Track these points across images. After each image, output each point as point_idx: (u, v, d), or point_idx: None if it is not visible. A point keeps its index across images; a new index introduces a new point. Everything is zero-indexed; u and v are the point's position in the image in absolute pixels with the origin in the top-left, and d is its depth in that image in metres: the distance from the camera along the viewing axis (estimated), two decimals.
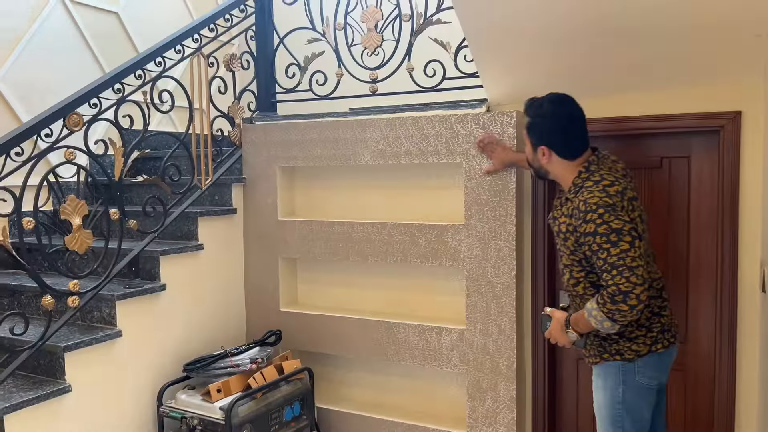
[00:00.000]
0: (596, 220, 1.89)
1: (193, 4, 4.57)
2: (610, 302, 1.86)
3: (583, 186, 1.99)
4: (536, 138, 2.10)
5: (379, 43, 3.19)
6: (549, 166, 2.10)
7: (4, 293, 2.95)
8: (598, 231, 1.88)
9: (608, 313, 1.87)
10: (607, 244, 1.87)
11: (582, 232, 1.93)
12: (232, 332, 3.34)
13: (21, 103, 3.39)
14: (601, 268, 1.90)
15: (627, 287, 1.83)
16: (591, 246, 1.91)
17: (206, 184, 3.18)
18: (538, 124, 2.09)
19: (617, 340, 2.03)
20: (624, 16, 2.16)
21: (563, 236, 2.06)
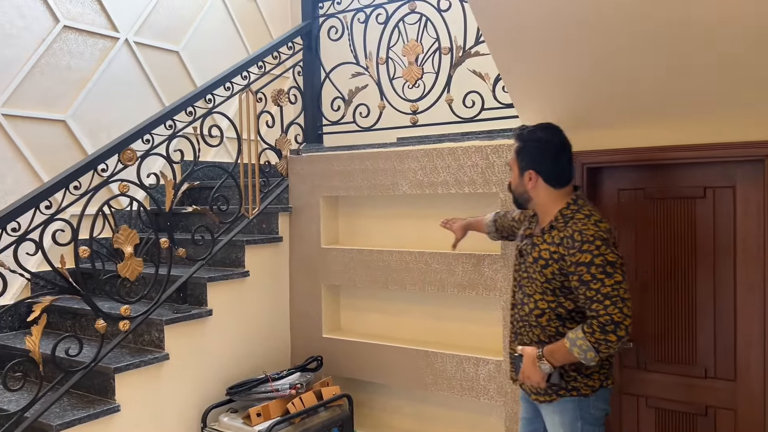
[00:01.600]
0: (593, 251, 1.91)
1: (248, 40, 4.80)
2: (600, 332, 1.88)
3: (573, 217, 2.01)
4: (526, 162, 2.10)
5: (419, 76, 3.27)
6: (533, 191, 2.10)
7: (67, 316, 3.17)
8: (594, 261, 1.90)
9: (595, 343, 1.89)
10: (602, 275, 1.90)
11: (575, 261, 1.93)
12: (277, 357, 3.43)
13: (88, 138, 3.66)
14: (592, 298, 1.91)
15: (619, 318, 1.87)
16: (582, 276, 1.92)
17: (253, 213, 3.31)
18: (531, 148, 2.10)
19: (575, 377, 2.05)
20: (664, 48, 2.14)
21: (543, 263, 2.03)
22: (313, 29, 3.68)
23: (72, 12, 3.60)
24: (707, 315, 2.55)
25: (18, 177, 3.32)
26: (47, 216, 2.36)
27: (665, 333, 2.64)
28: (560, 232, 2.01)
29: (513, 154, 2.15)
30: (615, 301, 1.88)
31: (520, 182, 2.12)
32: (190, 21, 4.34)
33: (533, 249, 2.09)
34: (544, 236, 2.07)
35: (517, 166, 2.13)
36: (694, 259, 2.58)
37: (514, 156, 2.14)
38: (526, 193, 2.12)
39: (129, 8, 3.92)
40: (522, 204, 2.18)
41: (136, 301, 2.70)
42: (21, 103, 3.35)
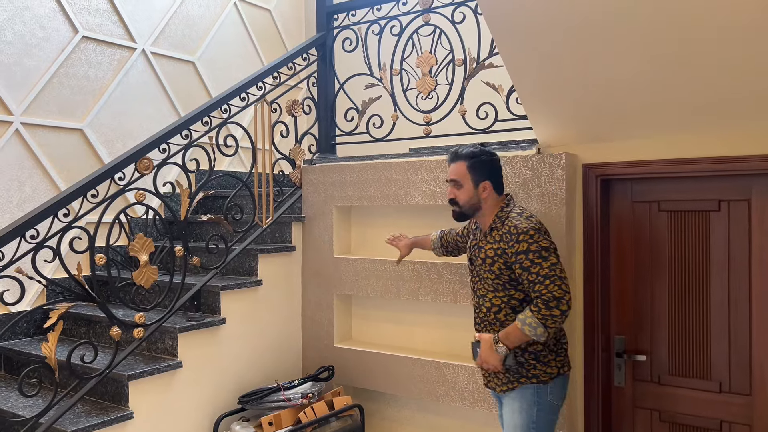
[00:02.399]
0: (528, 240, 2.17)
1: (263, 50, 4.85)
2: (545, 308, 2.10)
3: (507, 217, 2.28)
4: (479, 175, 2.32)
5: (433, 87, 3.28)
6: (486, 201, 2.33)
7: (82, 322, 3.19)
8: (530, 249, 2.16)
9: (542, 319, 2.11)
10: (539, 259, 2.15)
11: (514, 251, 2.19)
12: (289, 366, 3.44)
13: (104, 146, 3.71)
14: (533, 281, 2.15)
15: (559, 294, 2.10)
16: (522, 263, 2.17)
17: (267, 222, 3.33)
18: (486, 162, 2.34)
19: (534, 365, 2.26)
20: (679, 61, 2.15)
21: (490, 261, 2.29)
22: (327, 41, 3.71)
23: (91, 23, 3.65)
24: (722, 329, 2.54)
25: (36, 185, 3.37)
26: (65, 224, 2.39)
27: (679, 346, 2.62)
28: (499, 231, 2.28)
29: (462, 171, 2.34)
30: (553, 280, 2.12)
31: (474, 194, 2.33)
32: (205, 31, 4.40)
33: (480, 251, 2.35)
34: (486, 238, 2.34)
35: (470, 180, 2.33)
36: (708, 273, 2.57)
37: (466, 172, 2.33)
38: (479, 203, 2.34)
39: (146, 19, 3.98)
40: (469, 215, 2.39)
41: (150, 309, 2.72)
42: (40, 112, 3.41)
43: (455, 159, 2.36)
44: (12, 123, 3.27)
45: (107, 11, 3.75)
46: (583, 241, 2.75)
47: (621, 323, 2.75)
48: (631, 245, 2.72)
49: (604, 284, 2.73)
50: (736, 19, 1.94)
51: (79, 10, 3.60)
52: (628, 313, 2.73)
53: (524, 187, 2.78)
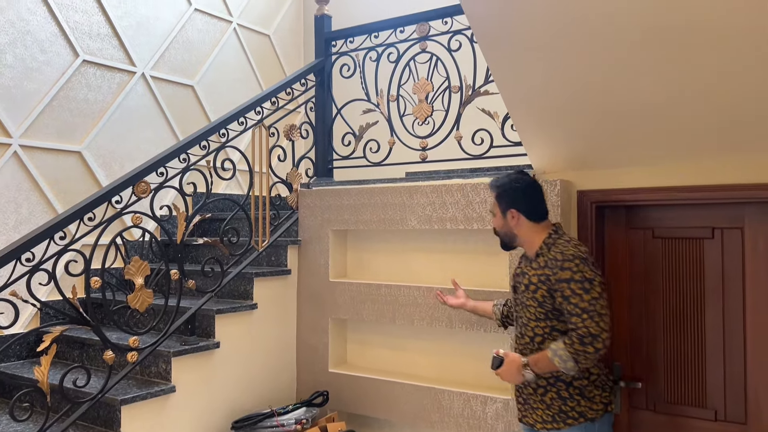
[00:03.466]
0: (572, 268, 2.11)
1: (262, 75, 4.90)
2: (579, 343, 2.04)
3: (555, 243, 2.23)
4: (506, 203, 2.31)
5: (429, 113, 3.32)
6: (517, 229, 2.30)
7: (75, 345, 3.18)
8: (573, 278, 2.09)
9: (574, 354, 2.04)
10: (580, 290, 2.08)
11: (557, 278, 2.13)
12: (283, 391, 3.42)
13: (102, 169, 3.73)
14: (571, 312, 2.08)
15: (596, 331, 2.03)
16: (563, 292, 2.11)
17: (263, 246, 3.34)
18: (508, 190, 2.32)
19: (579, 401, 2.18)
20: (673, 90, 2.18)
21: (534, 288, 2.22)
22: (325, 66, 3.76)
23: (92, 47, 3.70)
24: (717, 357, 2.54)
25: (32, 207, 3.38)
26: (61, 247, 2.39)
27: (675, 374, 2.61)
28: (544, 257, 2.22)
29: (493, 201, 2.37)
30: (592, 315, 2.05)
31: (504, 223, 2.33)
32: (205, 56, 4.45)
33: (524, 278, 2.29)
34: (531, 264, 2.28)
35: (498, 210, 2.34)
36: (703, 300, 2.57)
37: (495, 202, 2.35)
38: (511, 231, 2.32)
39: (147, 43, 4.02)
40: (509, 243, 2.38)
41: (144, 333, 2.71)
42: (39, 135, 3.43)
43: (490, 189, 2.40)
44: (11, 145, 3.29)
45: (108, 36, 3.80)
46: None
47: (617, 350, 2.74)
48: (627, 272, 2.73)
49: None
50: (732, 53, 1.98)
51: (81, 35, 3.64)
52: (623, 339, 2.73)
53: None
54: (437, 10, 3.31)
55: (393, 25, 3.48)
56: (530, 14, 2.10)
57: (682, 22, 1.94)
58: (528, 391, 2.29)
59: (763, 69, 2.00)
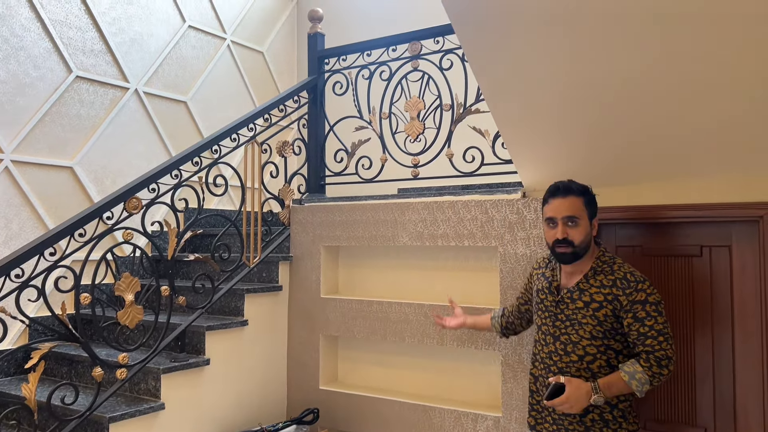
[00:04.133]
0: (647, 290, 2.08)
1: (255, 91, 4.93)
2: (657, 366, 2.01)
3: (615, 262, 2.17)
4: (594, 211, 2.20)
5: (421, 131, 3.35)
6: (593, 240, 2.20)
7: (64, 362, 3.15)
8: (648, 300, 2.06)
9: (652, 377, 2.01)
10: (655, 313, 2.06)
11: (631, 300, 2.07)
12: (273, 408, 3.39)
13: (94, 184, 3.72)
14: (646, 334, 2.05)
15: (671, 353, 2.03)
16: (637, 313, 2.06)
17: (254, 262, 3.33)
18: (593, 200, 2.22)
19: (621, 423, 2.12)
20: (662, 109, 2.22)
21: (596, 305, 2.12)
22: (318, 84, 3.79)
23: (85, 63, 3.71)
24: (706, 374, 2.55)
25: (23, 222, 3.37)
26: (51, 263, 2.38)
27: (664, 392, 2.62)
28: (608, 276, 2.14)
29: (579, 206, 2.16)
30: (667, 338, 2.04)
31: (589, 232, 2.18)
32: (199, 72, 4.47)
33: (582, 294, 2.16)
34: (590, 281, 2.16)
35: (587, 216, 2.17)
36: (692, 317, 2.59)
37: (583, 207, 2.16)
38: (590, 243, 2.18)
39: (140, 60, 4.04)
40: (580, 255, 2.16)
41: (134, 349, 2.70)
42: (30, 150, 3.43)
43: (567, 193, 2.17)
44: (2, 160, 3.29)
45: (102, 52, 3.81)
46: None
47: None
48: None
49: None
50: (719, 76, 2.02)
51: (74, 51, 3.66)
52: None
53: (510, 230, 2.82)
54: (429, 29, 3.35)
55: (385, 43, 3.52)
56: (519, 36, 2.14)
57: (669, 42, 1.97)
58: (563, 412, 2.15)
59: (750, 88, 2.03)
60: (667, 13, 1.88)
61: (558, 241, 2.15)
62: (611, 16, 1.95)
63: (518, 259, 2.79)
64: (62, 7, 3.61)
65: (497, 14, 2.10)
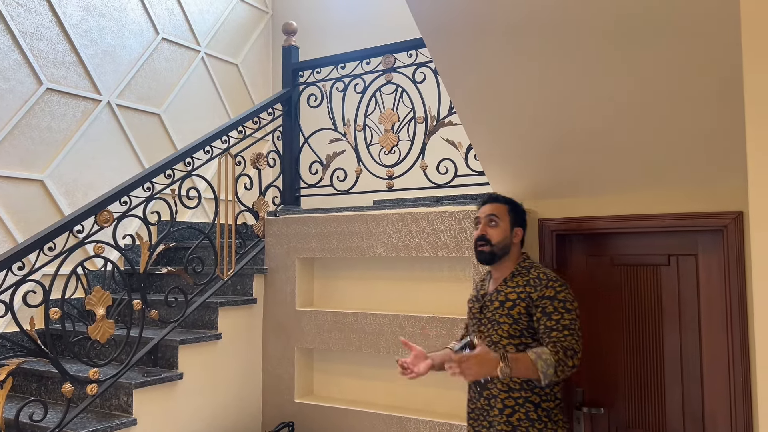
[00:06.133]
0: (557, 287, 2.19)
1: (230, 104, 4.92)
2: (563, 353, 2.07)
3: (533, 266, 2.31)
4: (517, 221, 2.37)
5: (395, 143, 3.37)
6: (513, 247, 2.34)
7: (33, 378, 3.08)
8: (557, 297, 2.17)
9: (557, 363, 2.05)
10: (563, 309, 2.15)
11: (540, 295, 2.18)
12: (248, 422, 3.36)
13: (65, 197, 3.67)
14: (551, 327, 2.13)
15: (577, 347, 2.10)
16: (546, 308, 2.16)
17: (228, 275, 3.32)
18: (522, 212, 2.41)
19: (546, 424, 2.19)
20: (629, 122, 2.27)
21: (510, 304, 2.23)
22: (293, 96, 3.80)
23: (56, 75, 3.67)
24: (675, 381, 2.60)
25: None
26: (19, 277, 2.34)
27: (635, 399, 2.66)
28: (524, 276, 2.28)
29: (503, 211, 2.35)
30: (572, 333, 2.12)
31: (508, 236, 2.33)
32: (172, 85, 4.45)
33: (498, 295, 2.29)
34: (507, 283, 2.30)
35: (508, 221, 2.34)
36: (661, 325, 2.64)
37: (507, 212, 2.35)
38: (507, 246, 2.32)
39: (112, 72, 4.01)
40: (497, 257, 2.31)
41: (105, 364, 2.66)
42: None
43: (495, 201, 2.38)
44: None
45: (73, 63, 3.78)
46: None
47: (579, 375, 2.78)
48: (588, 298, 2.79)
49: None
50: (685, 87, 2.08)
51: (45, 63, 3.62)
52: (585, 365, 2.77)
53: None
54: (402, 42, 3.39)
55: (359, 56, 3.55)
56: (489, 50, 2.18)
57: (637, 48, 2.03)
58: (493, 413, 2.24)
59: (712, 102, 2.10)
60: (633, 30, 1.93)
61: (478, 239, 2.32)
62: (576, 32, 2.00)
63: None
64: (32, 19, 3.57)
65: (467, 28, 2.14)
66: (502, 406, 2.22)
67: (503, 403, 2.21)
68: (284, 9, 5.46)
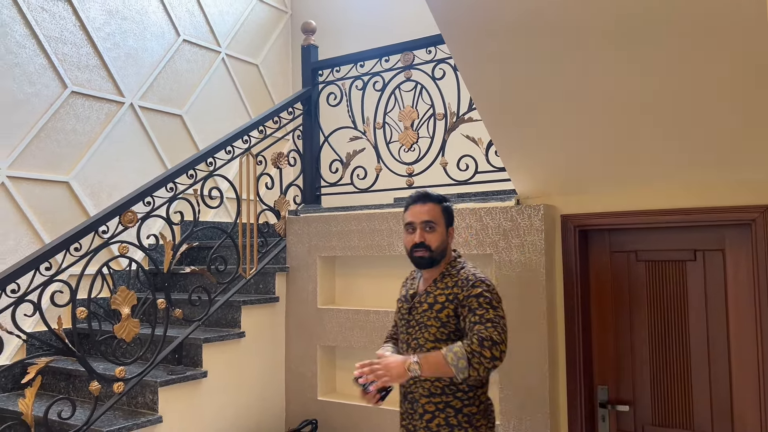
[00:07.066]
0: (484, 287, 2.10)
1: (250, 103, 4.95)
2: (477, 344, 1.96)
3: (464, 267, 2.22)
4: (449, 219, 2.26)
5: (415, 140, 3.36)
6: (449, 247, 2.26)
7: (61, 376, 3.14)
8: (483, 294, 2.08)
9: (470, 353, 1.95)
10: (488, 305, 2.06)
11: (467, 294, 2.10)
12: (271, 420, 3.39)
13: (90, 198, 3.73)
14: (475, 322, 2.03)
15: (498, 338, 1.98)
16: (471, 305, 2.07)
17: (251, 273, 3.34)
18: (451, 208, 2.28)
19: (467, 428, 2.10)
20: (656, 116, 2.24)
21: (439, 306, 2.15)
22: (312, 95, 3.81)
23: (80, 78, 3.73)
24: (702, 378, 2.55)
25: (19, 238, 3.37)
26: (47, 277, 2.39)
27: (661, 396, 2.63)
28: (453, 278, 2.19)
29: (437, 213, 2.22)
30: (496, 326, 2.01)
31: (445, 239, 2.23)
32: (194, 86, 4.50)
33: (427, 297, 2.21)
34: (437, 285, 2.21)
35: (444, 223, 2.23)
36: (687, 322, 2.60)
37: (441, 214, 2.23)
38: (446, 250, 2.24)
39: (135, 74, 4.07)
40: (434, 262, 2.21)
41: (131, 363, 2.70)
42: (26, 166, 3.44)
43: (428, 200, 2.23)
44: None
45: (97, 67, 3.84)
46: (563, 291, 2.78)
47: (603, 373, 2.75)
48: (611, 295, 2.76)
49: (585, 334, 2.75)
50: (710, 80, 2.04)
51: (69, 67, 3.68)
52: (610, 362, 2.74)
53: (504, 237, 2.83)
54: (421, 39, 3.38)
55: (378, 54, 3.55)
56: (508, 45, 2.16)
57: (667, 33, 2.00)
58: (416, 417, 2.18)
59: (741, 92, 2.05)
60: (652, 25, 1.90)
61: (416, 246, 2.20)
62: (599, 27, 1.97)
63: (513, 265, 2.80)
64: (57, 24, 3.63)
65: (486, 24, 2.12)
66: (422, 410, 2.15)
67: (424, 408, 2.15)
68: (303, 8, 5.48)
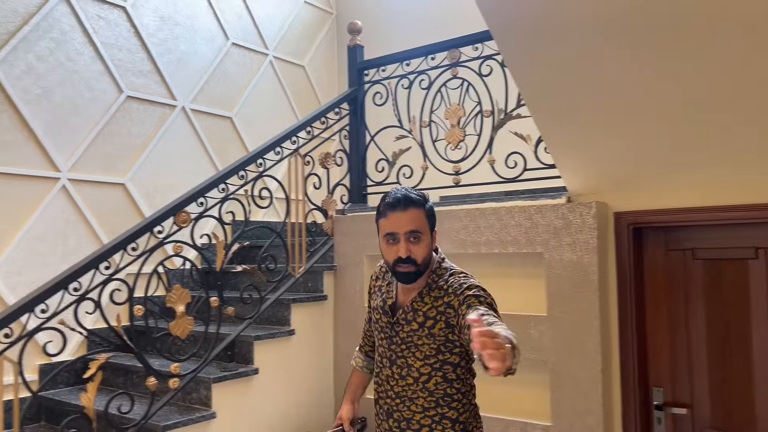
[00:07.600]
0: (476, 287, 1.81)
1: (297, 105, 5.02)
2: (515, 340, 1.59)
3: (451, 274, 1.91)
4: (433, 223, 1.93)
5: (461, 138, 3.34)
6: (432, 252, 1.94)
7: (119, 372, 3.26)
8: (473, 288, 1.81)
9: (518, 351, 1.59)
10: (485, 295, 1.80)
11: (462, 296, 1.80)
12: (321, 417, 3.42)
13: (145, 200, 3.85)
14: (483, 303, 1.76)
15: None
16: (467, 299, 1.78)
17: (299, 272, 3.38)
18: (432, 210, 1.94)
19: None
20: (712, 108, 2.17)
21: (431, 323, 1.86)
22: (358, 95, 3.83)
23: (135, 83, 3.86)
24: (765, 383, 2.45)
25: (80, 238, 3.51)
26: (106, 276, 2.48)
27: (721, 399, 2.53)
28: (442, 287, 1.88)
29: (423, 220, 1.87)
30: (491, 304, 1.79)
31: (431, 245, 1.92)
32: (242, 88, 4.58)
33: (416, 315, 1.89)
34: (423, 299, 1.90)
35: (429, 231, 1.90)
36: (749, 322, 2.50)
37: (426, 221, 1.88)
38: (430, 258, 1.92)
39: (186, 78, 4.17)
40: (420, 275, 1.89)
41: (185, 359, 2.77)
42: (85, 168, 3.57)
43: (409, 205, 1.85)
44: (59, 179, 3.44)
45: (150, 72, 3.95)
46: (617, 291, 2.71)
47: (659, 375, 2.68)
48: (667, 294, 2.68)
49: (639, 334, 2.68)
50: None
51: (125, 72, 3.80)
52: (665, 363, 2.67)
53: (555, 236, 2.78)
54: (467, 36, 3.35)
55: (424, 52, 3.54)
56: (559, 41, 2.12)
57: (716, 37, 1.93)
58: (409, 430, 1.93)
59: None
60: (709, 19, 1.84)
61: (401, 261, 1.85)
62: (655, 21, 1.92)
63: (564, 265, 2.75)
64: (112, 31, 3.76)
65: (536, 21, 2.09)
66: (418, 426, 1.89)
67: (420, 423, 1.89)
68: (348, 9, 5.51)
